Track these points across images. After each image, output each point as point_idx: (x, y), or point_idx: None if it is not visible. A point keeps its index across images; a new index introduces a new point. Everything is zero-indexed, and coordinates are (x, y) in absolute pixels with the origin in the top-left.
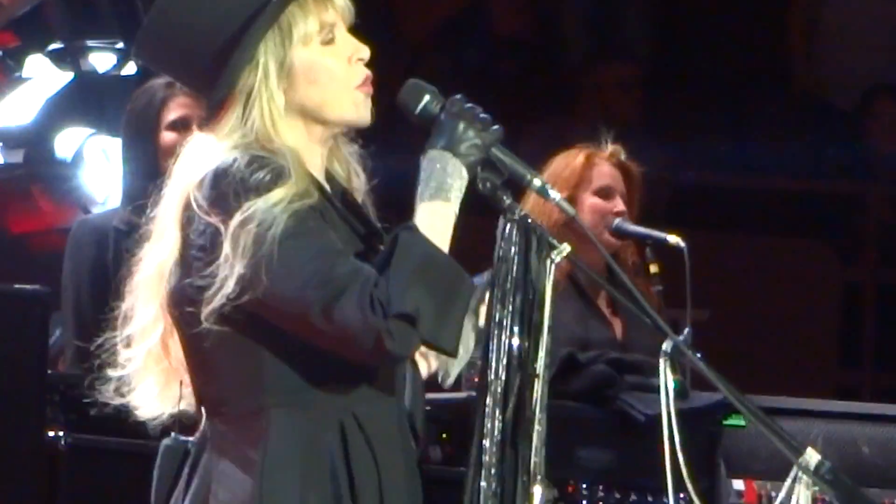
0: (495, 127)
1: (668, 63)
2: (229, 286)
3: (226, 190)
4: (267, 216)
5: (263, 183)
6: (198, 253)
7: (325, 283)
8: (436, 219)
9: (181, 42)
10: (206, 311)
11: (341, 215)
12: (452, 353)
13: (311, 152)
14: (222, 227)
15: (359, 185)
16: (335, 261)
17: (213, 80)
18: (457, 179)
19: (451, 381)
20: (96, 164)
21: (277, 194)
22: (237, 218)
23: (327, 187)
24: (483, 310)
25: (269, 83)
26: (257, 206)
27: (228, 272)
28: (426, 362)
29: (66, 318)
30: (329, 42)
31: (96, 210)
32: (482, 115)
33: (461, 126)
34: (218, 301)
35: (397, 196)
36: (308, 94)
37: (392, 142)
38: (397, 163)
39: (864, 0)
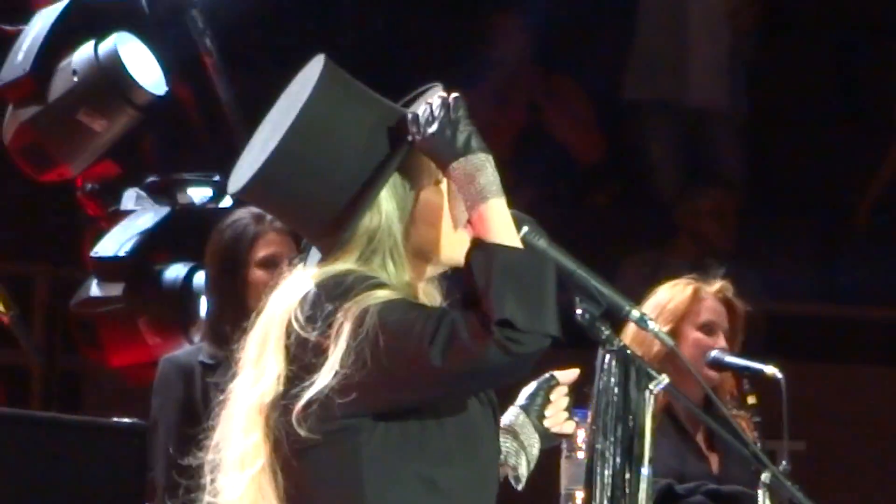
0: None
1: (760, 190)
2: (331, 375)
3: (326, 302)
4: (370, 311)
5: (364, 286)
6: (301, 371)
7: (432, 333)
8: (498, 217)
9: (303, 188)
10: (304, 411)
11: None
12: (557, 334)
13: (422, 292)
14: (323, 338)
15: None
16: (430, 313)
17: (336, 224)
18: (492, 171)
19: (522, 483)
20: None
21: (379, 293)
22: (338, 315)
23: None
24: (550, 411)
25: (393, 228)
26: (361, 306)
27: (332, 362)
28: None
29: (156, 455)
30: (439, 182)
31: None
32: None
33: (459, 135)
34: (320, 392)
35: None
36: (427, 236)
37: None
38: None
39: None
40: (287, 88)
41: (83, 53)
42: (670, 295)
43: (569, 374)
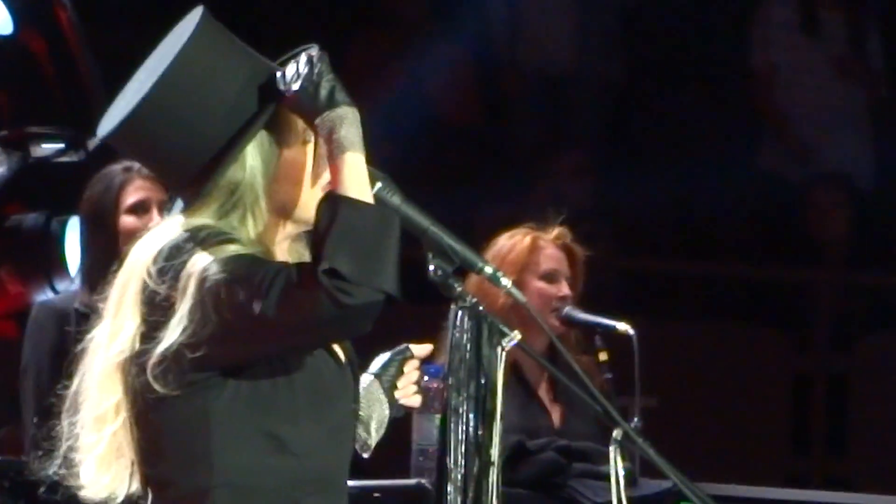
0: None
1: (618, 148)
2: (179, 329)
3: (177, 256)
4: (212, 267)
5: (216, 240)
6: (154, 327)
7: (268, 285)
8: (352, 171)
9: (166, 139)
10: (158, 367)
11: None
12: (391, 292)
13: (279, 249)
14: (172, 292)
15: None
16: (271, 267)
17: (200, 176)
18: (352, 124)
19: (370, 450)
20: (68, 242)
21: (228, 248)
22: (186, 268)
23: None
24: (402, 382)
25: (255, 184)
26: (205, 262)
27: (179, 317)
28: None
29: (27, 400)
30: (307, 142)
31: (62, 288)
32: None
33: (322, 88)
34: (169, 348)
35: None
36: (289, 194)
37: None
38: None
39: (808, 91)
40: (165, 38)
41: None
42: (510, 245)
43: (423, 349)
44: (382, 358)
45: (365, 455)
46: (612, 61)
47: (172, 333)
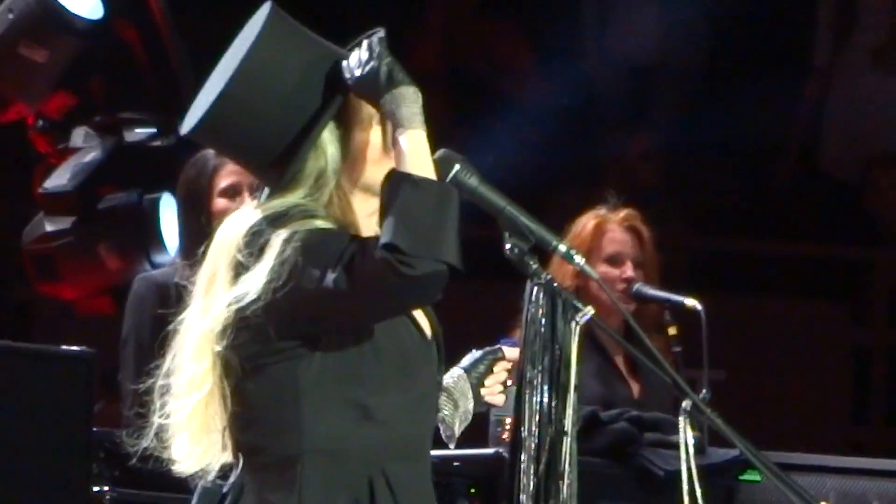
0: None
1: (687, 133)
2: (256, 296)
3: (265, 231)
4: (291, 241)
5: (301, 216)
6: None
7: (339, 257)
8: (413, 147)
9: (246, 131)
10: (244, 334)
11: None
12: (453, 263)
13: (365, 224)
14: (257, 263)
15: None
16: (346, 239)
17: (279, 163)
18: (413, 102)
19: (455, 440)
20: (163, 218)
21: (313, 222)
22: (270, 246)
23: None
24: (490, 380)
25: (336, 168)
26: (284, 236)
27: (256, 277)
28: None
29: (127, 368)
30: (378, 124)
31: (159, 262)
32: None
33: (382, 71)
34: (255, 315)
35: None
36: (371, 173)
37: None
38: None
39: (864, 76)
40: (239, 34)
41: None
42: (578, 230)
43: (514, 352)
44: (474, 355)
45: (451, 445)
46: (693, 51)
47: (251, 292)
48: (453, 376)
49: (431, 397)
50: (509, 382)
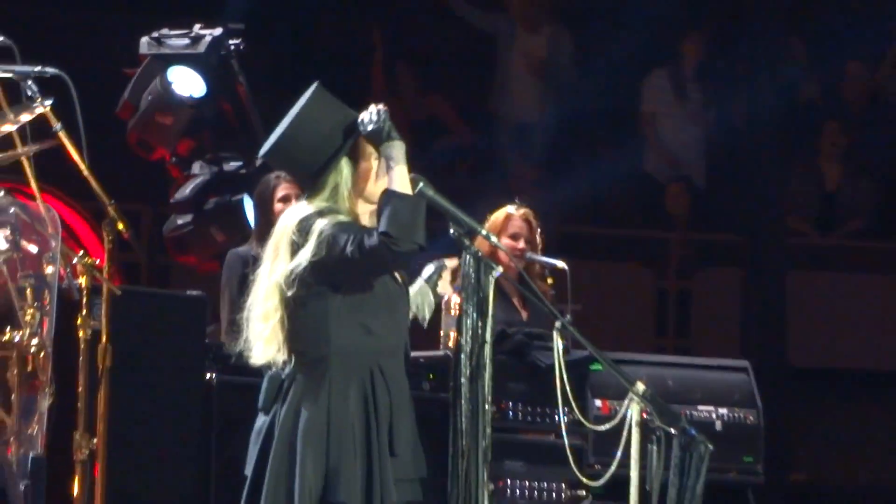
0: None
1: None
2: (306, 262)
3: (310, 223)
4: (325, 228)
5: (329, 214)
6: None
7: (351, 239)
8: (398, 176)
9: (297, 157)
10: (297, 281)
11: None
12: (421, 244)
13: (363, 218)
14: (305, 241)
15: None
16: (357, 230)
17: (314, 178)
18: (399, 149)
19: (426, 321)
20: (247, 211)
21: (337, 217)
22: (303, 238)
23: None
24: (441, 283)
25: (348, 182)
26: (322, 225)
27: (306, 253)
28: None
29: (224, 305)
30: (376, 158)
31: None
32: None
33: (385, 129)
34: (304, 272)
35: None
36: (367, 187)
37: None
38: None
39: None
40: (297, 101)
41: (153, 84)
42: (493, 218)
43: (453, 262)
44: (429, 269)
45: (424, 324)
46: None
47: (303, 259)
48: (420, 285)
49: (404, 319)
50: (448, 277)
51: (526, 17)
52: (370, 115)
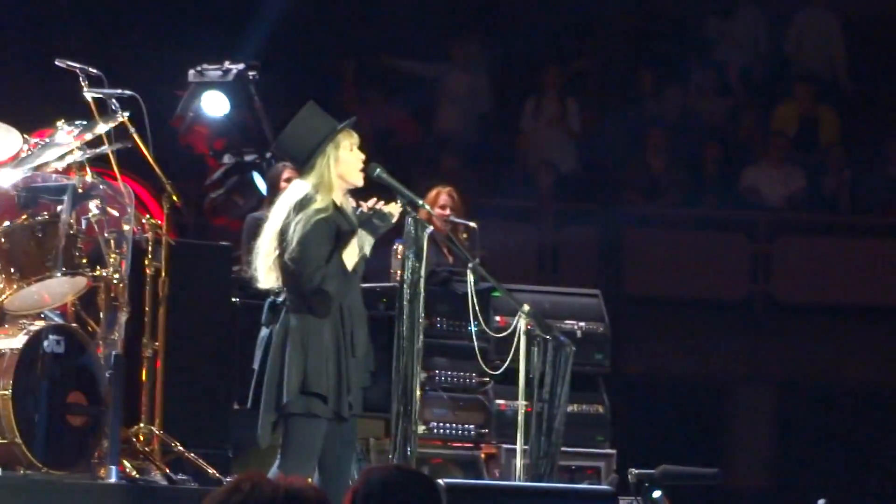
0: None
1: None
2: (292, 242)
3: (295, 206)
4: (303, 222)
5: (308, 204)
6: (285, 227)
7: (313, 275)
8: (353, 250)
9: (294, 149)
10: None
11: (342, 216)
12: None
13: (339, 193)
14: (291, 222)
15: (348, 207)
16: (313, 260)
17: (307, 162)
18: (368, 242)
19: (368, 254)
20: (258, 185)
21: (313, 208)
22: (294, 219)
23: (340, 205)
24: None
25: (331, 165)
26: (301, 217)
27: (290, 237)
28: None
29: (243, 250)
30: (353, 149)
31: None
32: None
33: (377, 229)
34: (287, 244)
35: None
36: (344, 170)
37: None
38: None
39: None
40: (297, 113)
41: (194, 103)
42: (430, 195)
43: (371, 202)
44: (361, 218)
45: (367, 255)
46: None
47: (291, 239)
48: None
49: (359, 270)
50: (395, 244)
51: None
52: (383, 213)
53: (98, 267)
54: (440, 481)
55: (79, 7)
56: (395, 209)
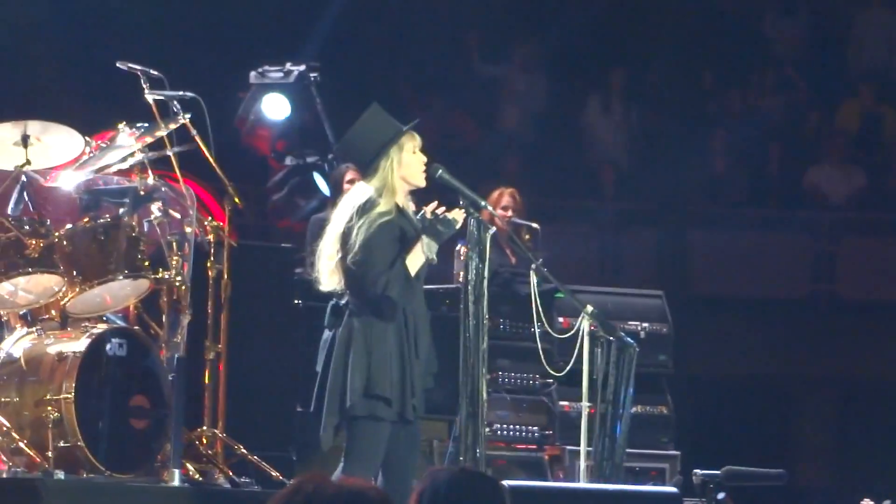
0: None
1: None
2: (355, 245)
3: (358, 209)
4: (367, 226)
5: (370, 204)
6: (348, 230)
7: (368, 272)
8: (416, 254)
9: (357, 151)
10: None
11: (405, 219)
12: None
13: (402, 195)
14: (354, 226)
15: (410, 208)
16: (377, 264)
17: (370, 165)
18: (432, 248)
19: (435, 260)
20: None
21: (377, 211)
22: (357, 223)
23: (402, 207)
24: (418, 249)
25: (395, 168)
26: (364, 221)
27: (353, 241)
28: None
29: (308, 253)
30: (416, 151)
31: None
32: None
33: (437, 233)
34: (350, 247)
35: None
36: (407, 172)
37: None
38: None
39: None
40: (361, 116)
41: (255, 106)
42: (491, 195)
43: (432, 206)
44: (424, 223)
45: (433, 262)
46: None
47: (354, 242)
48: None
49: (422, 274)
50: (458, 245)
51: None
52: (447, 219)
53: (160, 269)
54: (504, 483)
55: (140, 9)
56: (458, 215)
